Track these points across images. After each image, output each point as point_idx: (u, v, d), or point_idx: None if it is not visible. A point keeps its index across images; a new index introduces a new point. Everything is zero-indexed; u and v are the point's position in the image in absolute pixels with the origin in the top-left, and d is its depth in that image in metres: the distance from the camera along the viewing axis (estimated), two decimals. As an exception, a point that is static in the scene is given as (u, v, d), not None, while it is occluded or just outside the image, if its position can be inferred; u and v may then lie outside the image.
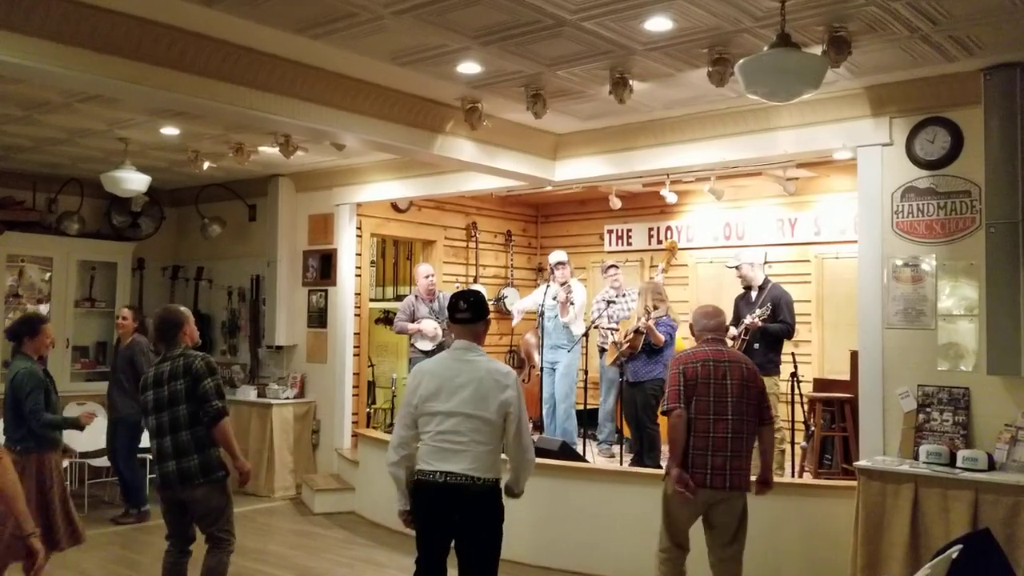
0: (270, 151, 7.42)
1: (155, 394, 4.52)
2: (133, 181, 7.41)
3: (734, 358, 4.77)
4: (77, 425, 5.49)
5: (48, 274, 9.11)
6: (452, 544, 3.83)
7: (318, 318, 8.96)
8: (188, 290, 10.02)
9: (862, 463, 5.17)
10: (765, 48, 4.06)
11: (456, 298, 3.96)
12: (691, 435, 4.59)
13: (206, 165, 7.99)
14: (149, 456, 7.79)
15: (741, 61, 4.06)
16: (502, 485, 3.85)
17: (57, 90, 5.82)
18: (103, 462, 7.96)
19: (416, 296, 8.22)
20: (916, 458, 5.09)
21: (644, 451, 7.39)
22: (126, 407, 7.26)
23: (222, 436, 4.50)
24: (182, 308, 4.86)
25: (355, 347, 8.87)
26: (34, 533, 3.19)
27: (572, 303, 8.14)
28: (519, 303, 9.07)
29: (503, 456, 3.89)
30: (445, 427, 3.71)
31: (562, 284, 8.20)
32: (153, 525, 5.55)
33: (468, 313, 3.89)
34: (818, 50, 4.52)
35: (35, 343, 5.16)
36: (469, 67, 5.24)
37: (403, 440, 3.85)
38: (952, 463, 4.89)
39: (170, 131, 7.04)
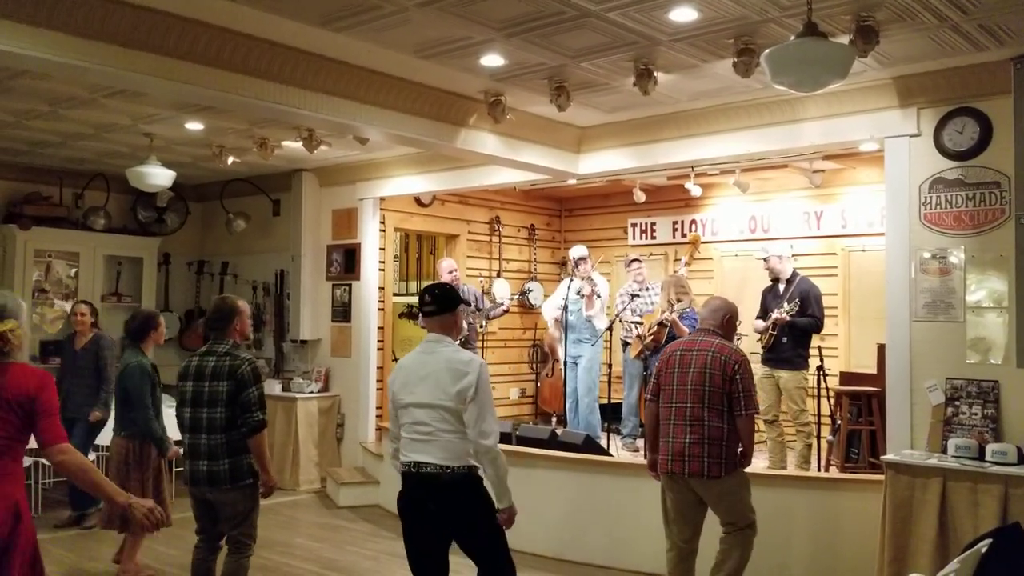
0: (294, 146, 7.45)
1: (194, 387, 4.44)
2: (158, 176, 7.48)
3: (704, 347, 4.71)
4: (163, 449, 5.62)
5: (74, 269, 9.20)
6: (441, 542, 3.83)
7: (342, 312, 8.99)
8: (213, 285, 10.09)
9: (890, 457, 5.12)
10: (791, 38, 4.02)
11: (423, 292, 4.02)
12: (661, 421, 4.76)
13: (230, 160, 8.05)
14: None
15: (767, 51, 4.02)
16: (480, 473, 3.85)
17: (83, 85, 5.87)
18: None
19: (443, 288, 8.21)
20: (944, 452, 5.03)
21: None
22: (87, 405, 7.02)
23: (257, 447, 4.45)
24: (239, 301, 4.68)
25: (379, 341, 8.90)
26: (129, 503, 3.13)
27: (598, 296, 8.12)
28: (546, 309, 8.97)
29: None
30: (413, 418, 3.79)
31: (584, 278, 8.19)
32: (184, 518, 5.63)
33: (432, 305, 3.93)
34: (845, 40, 4.47)
35: (157, 335, 5.73)
36: (492, 59, 5.23)
37: (393, 435, 3.96)
38: (981, 457, 4.83)
39: (194, 126, 7.09)
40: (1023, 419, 4.93)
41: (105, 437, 6.70)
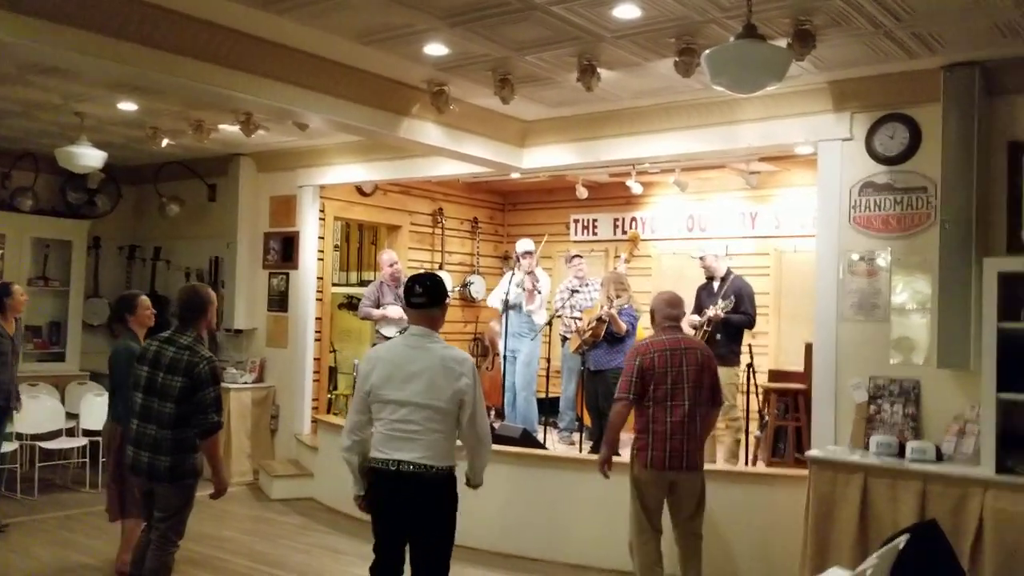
0: (231, 129, 7.31)
1: (149, 375, 4.35)
2: (89, 157, 7.26)
3: (690, 345, 4.96)
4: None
5: (0, 251, 8.91)
6: (405, 538, 3.79)
7: (279, 302, 8.87)
8: (145, 271, 9.87)
9: (813, 453, 5.24)
10: (731, 39, 4.08)
11: (412, 281, 3.82)
12: (650, 422, 4.81)
13: (165, 142, 7.87)
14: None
15: (707, 51, 4.08)
16: (457, 473, 3.81)
17: (11, 61, 5.68)
18: (55, 444, 7.84)
19: (382, 282, 8.17)
20: (867, 448, 5.17)
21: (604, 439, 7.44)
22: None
23: (210, 450, 4.37)
24: (211, 291, 4.63)
25: (316, 332, 8.80)
26: None
27: (539, 292, 8.16)
28: (492, 300, 8.98)
29: (460, 443, 3.87)
30: (398, 416, 3.66)
31: (528, 273, 8.22)
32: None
33: (424, 298, 3.77)
34: (783, 43, 4.56)
35: (137, 318, 5.52)
36: (436, 48, 5.20)
37: (357, 425, 3.80)
38: (901, 454, 4.97)
39: (128, 106, 6.91)
40: (942, 418, 5.08)
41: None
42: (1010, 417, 4.73)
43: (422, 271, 9.44)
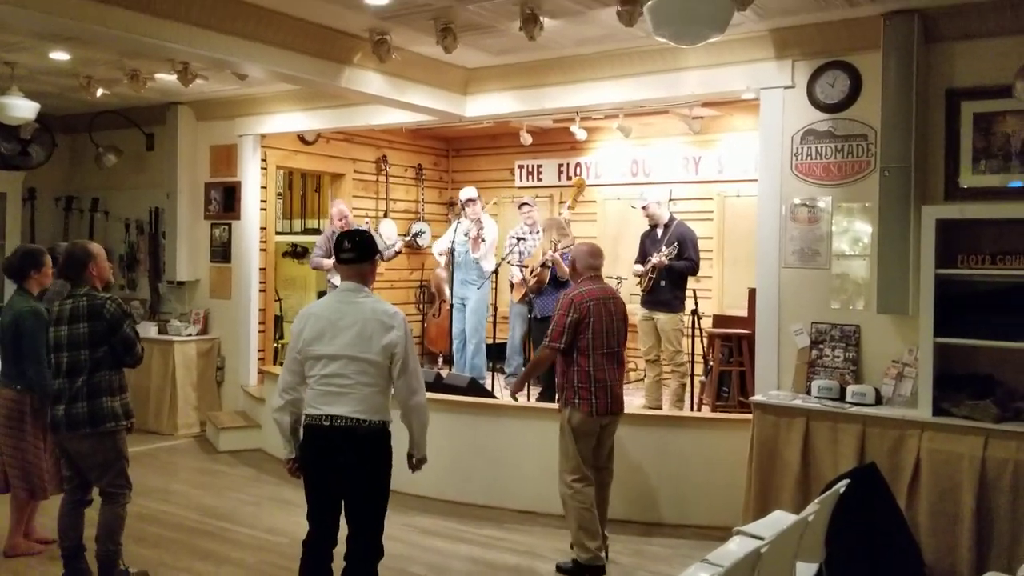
0: (167, 79, 7.09)
1: (56, 332, 4.37)
2: (20, 108, 7.02)
3: (611, 294, 5.15)
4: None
5: (-70, 204, 8.60)
6: (343, 494, 3.75)
7: (221, 253, 8.73)
8: (83, 222, 9.61)
9: (757, 397, 5.37)
10: (674, -11, 4.06)
11: (341, 238, 3.81)
12: (592, 369, 4.91)
13: (100, 92, 7.61)
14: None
15: (649, 3, 4.05)
16: (393, 429, 3.80)
17: (-69, 9, 5.42)
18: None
19: (334, 232, 8.09)
20: (808, 393, 5.31)
21: (553, 386, 7.52)
22: None
23: None
24: (91, 245, 4.57)
25: (261, 283, 8.69)
26: None
27: (483, 239, 8.16)
28: (436, 247, 8.98)
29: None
30: (329, 370, 3.65)
31: (474, 220, 8.20)
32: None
33: (353, 253, 3.76)
34: (726, -8, 4.54)
35: (41, 277, 5.14)
36: (377, -3, 5.08)
37: (289, 385, 3.77)
38: (842, 398, 5.13)
39: (60, 56, 6.65)
40: (881, 362, 5.23)
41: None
42: (946, 360, 4.88)
43: (367, 221, 9.43)
